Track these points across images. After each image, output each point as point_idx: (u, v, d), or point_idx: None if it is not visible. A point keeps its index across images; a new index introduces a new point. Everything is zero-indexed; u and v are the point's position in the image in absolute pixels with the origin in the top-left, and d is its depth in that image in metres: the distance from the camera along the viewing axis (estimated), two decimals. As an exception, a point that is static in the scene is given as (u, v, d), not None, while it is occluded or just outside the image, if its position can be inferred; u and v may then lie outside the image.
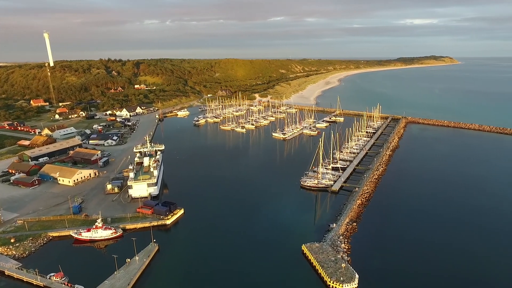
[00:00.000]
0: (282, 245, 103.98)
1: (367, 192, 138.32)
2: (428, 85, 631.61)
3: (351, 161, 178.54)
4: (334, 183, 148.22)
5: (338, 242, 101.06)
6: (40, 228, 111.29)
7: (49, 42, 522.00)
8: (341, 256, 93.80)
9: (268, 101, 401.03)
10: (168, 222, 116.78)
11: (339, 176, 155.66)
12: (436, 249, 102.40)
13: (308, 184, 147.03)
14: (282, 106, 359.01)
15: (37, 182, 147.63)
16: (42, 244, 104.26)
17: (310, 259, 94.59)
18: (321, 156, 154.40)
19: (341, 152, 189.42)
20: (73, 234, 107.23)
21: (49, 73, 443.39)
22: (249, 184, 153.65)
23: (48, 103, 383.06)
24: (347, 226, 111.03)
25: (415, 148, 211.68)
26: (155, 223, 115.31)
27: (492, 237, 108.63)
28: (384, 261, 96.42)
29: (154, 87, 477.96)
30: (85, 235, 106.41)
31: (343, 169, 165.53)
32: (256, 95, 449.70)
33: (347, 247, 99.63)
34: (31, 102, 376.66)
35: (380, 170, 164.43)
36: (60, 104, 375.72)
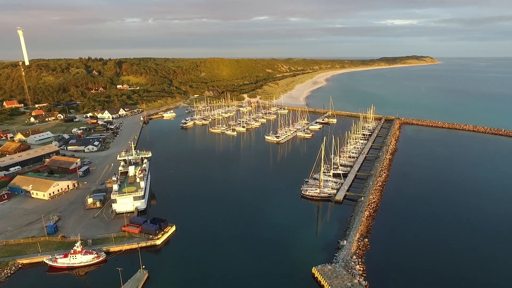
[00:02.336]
0: (290, 268, 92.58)
1: (374, 202, 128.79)
2: (414, 84, 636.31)
3: (351, 167, 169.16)
4: (337, 192, 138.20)
5: (352, 263, 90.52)
6: (7, 254, 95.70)
7: (23, 40, 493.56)
8: (358, 280, 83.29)
9: (258, 101, 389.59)
10: (158, 242, 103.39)
11: (341, 184, 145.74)
12: (457, 260, 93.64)
13: (310, 194, 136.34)
14: (273, 107, 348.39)
15: (6, 197, 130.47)
16: (9, 274, 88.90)
17: (323, 285, 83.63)
18: (322, 162, 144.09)
19: (340, 156, 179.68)
20: (46, 261, 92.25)
21: (23, 72, 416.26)
22: (245, 194, 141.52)
23: (22, 105, 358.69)
24: (359, 243, 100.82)
25: (413, 150, 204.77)
26: (143, 244, 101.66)
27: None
28: (404, 283, 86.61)
29: (138, 88, 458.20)
30: (62, 261, 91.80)
31: (345, 175, 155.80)
32: (245, 95, 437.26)
33: (362, 269, 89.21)
34: (4, 103, 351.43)
35: (383, 176, 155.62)
36: (36, 105, 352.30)
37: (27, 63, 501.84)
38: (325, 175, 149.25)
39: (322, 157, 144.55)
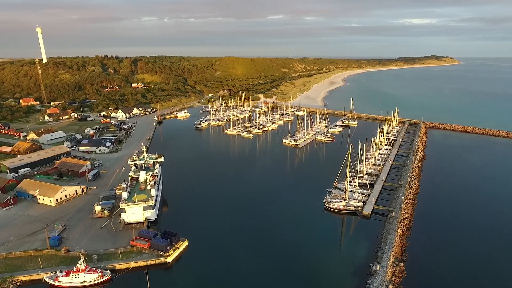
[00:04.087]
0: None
1: (406, 218, 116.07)
2: (436, 85, 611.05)
3: (377, 175, 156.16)
4: (364, 205, 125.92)
5: (389, 294, 78.77)
6: (6, 269, 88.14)
7: (42, 38, 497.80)
8: (397, 317, 71.60)
9: (274, 102, 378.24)
10: (169, 259, 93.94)
11: (368, 196, 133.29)
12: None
13: (334, 206, 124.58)
14: (289, 107, 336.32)
15: (12, 202, 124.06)
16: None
17: (356, 322, 72.34)
18: (348, 171, 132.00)
19: (362, 163, 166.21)
20: (47, 279, 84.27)
21: (39, 70, 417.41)
22: (263, 204, 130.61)
23: (39, 103, 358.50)
24: (394, 268, 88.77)
25: (443, 158, 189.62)
26: (152, 261, 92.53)
27: None
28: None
29: (153, 86, 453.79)
30: (63, 280, 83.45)
31: (371, 185, 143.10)
32: (260, 95, 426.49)
33: (400, 302, 77.41)
34: (21, 101, 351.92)
35: (413, 187, 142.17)
36: (52, 103, 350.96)
37: (45, 60, 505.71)
38: (350, 185, 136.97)
39: (348, 165, 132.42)
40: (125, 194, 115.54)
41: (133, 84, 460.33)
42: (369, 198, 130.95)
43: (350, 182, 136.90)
